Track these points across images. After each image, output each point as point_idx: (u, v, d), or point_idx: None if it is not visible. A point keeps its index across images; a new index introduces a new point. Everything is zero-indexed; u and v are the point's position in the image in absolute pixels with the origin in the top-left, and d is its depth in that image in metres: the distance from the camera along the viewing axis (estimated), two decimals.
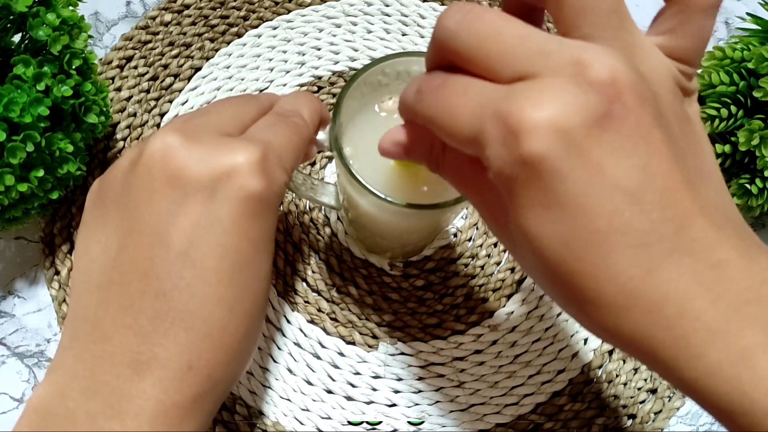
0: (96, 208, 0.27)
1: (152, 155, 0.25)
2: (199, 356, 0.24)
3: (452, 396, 0.41)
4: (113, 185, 0.26)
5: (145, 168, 0.25)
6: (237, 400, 0.40)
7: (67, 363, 0.24)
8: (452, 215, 0.35)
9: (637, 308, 0.19)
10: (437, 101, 0.21)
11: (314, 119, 0.31)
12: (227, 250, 0.24)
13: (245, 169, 0.24)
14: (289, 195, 0.44)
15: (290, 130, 0.28)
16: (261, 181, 0.25)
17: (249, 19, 0.49)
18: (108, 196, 0.26)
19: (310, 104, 0.31)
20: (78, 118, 0.38)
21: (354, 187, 0.30)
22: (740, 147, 0.39)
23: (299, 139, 0.29)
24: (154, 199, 0.24)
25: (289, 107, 0.30)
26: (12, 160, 0.34)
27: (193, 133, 0.25)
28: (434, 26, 0.21)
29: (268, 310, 0.42)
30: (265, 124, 0.28)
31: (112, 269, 0.25)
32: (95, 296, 0.25)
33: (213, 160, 0.24)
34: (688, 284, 0.19)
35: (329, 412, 0.40)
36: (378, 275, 0.43)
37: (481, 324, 0.42)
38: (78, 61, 0.36)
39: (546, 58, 0.19)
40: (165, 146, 0.25)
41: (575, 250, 0.19)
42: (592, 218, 0.19)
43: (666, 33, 0.22)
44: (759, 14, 0.45)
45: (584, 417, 0.41)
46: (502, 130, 0.19)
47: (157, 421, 0.23)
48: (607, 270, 0.19)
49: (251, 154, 0.25)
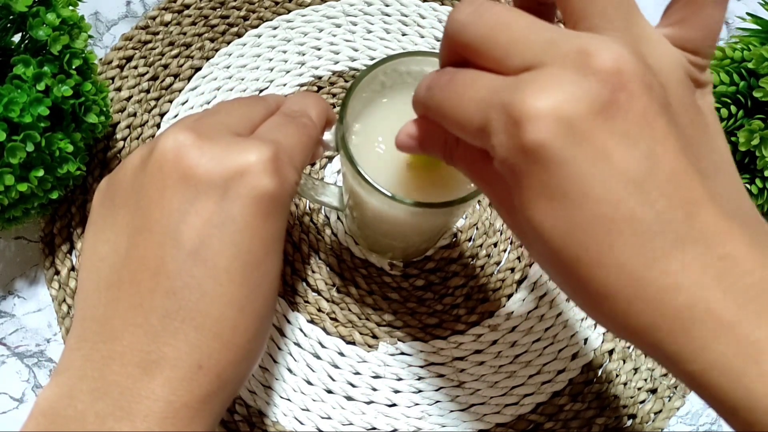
0: (104, 207, 0.26)
1: (164, 153, 0.24)
2: (209, 356, 0.24)
3: (452, 396, 0.41)
4: (123, 183, 0.26)
5: (156, 166, 0.25)
6: (237, 400, 0.40)
7: (75, 364, 0.24)
8: (456, 216, 0.35)
9: (643, 299, 0.19)
10: (446, 95, 0.22)
11: (321, 119, 0.31)
12: (239, 250, 0.24)
13: (258, 168, 0.24)
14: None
15: (299, 130, 0.28)
16: (273, 180, 0.25)
17: (249, 19, 0.49)
18: (117, 194, 0.26)
19: (316, 104, 0.31)
20: (78, 118, 0.38)
21: (361, 186, 0.30)
22: (740, 147, 0.39)
23: (308, 139, 0.29)
24: (165, 197, 0.24)
25: (297, 107, 0.30)
26: (12, 159, 0.34)
27: (205, 132, 0.25)
28: (446, 21, 0.22)
29: None
30: (275, 124, 0.28)
31: (121, 268, 0.25)
32: (104, 296, 0.25)
33: (225, 159, 0.24)
34: (696, 275, 0.18)
35: (329, 412, 0.40)
36: (378, 275, 0.43)
37: (481, 324, 0.42)
38: (78, 61, 0.36)
39: (552, 48, 0.19)
40: (177, 144, 0.24)
41: (580, 239, 0.19)
42: (597, 205, 0.18)
43: (676, 24, 0.22)
44: (759, 14, 0.45)
45: (584, 417, 0.41)
46: (506, 120, 0.19)
47: (166, 422, 0.23)
48: (614, 258, 0.19)
49: (263, 153, 0.25)
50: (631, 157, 0.18)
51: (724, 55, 0.42)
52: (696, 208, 0.19)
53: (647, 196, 0.18)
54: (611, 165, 0.18)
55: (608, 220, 0.18)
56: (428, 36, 0.49)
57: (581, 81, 0.18)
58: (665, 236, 0.18)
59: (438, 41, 0.49)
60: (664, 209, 0.18)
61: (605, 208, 0.18)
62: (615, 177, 0.18)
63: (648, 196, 0.18)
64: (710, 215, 0.19)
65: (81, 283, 0.26)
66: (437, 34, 0.49)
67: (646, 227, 0.18)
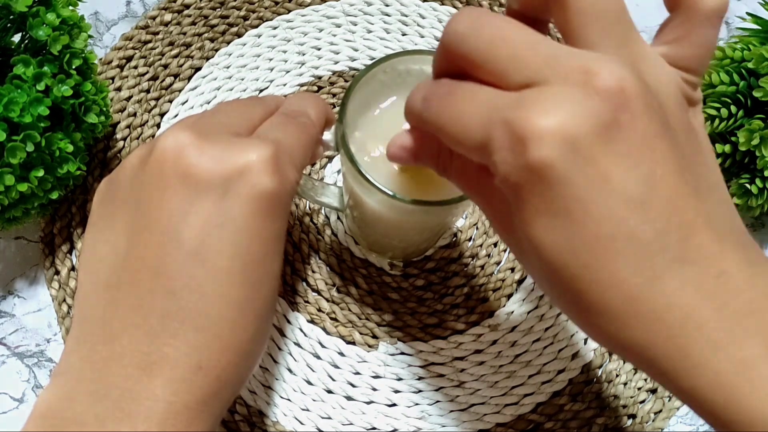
0: (104, 207, 0.26)
1: (164, 153, 0.24)
2: (209, 357, 0.24)
3: (452, 396, 0.41)
4: (122, 183, 0.26)
5: (156, 166, 0.24)
6: (237, 400, 0.40)
7: (74, 365, 0.24)
8: (456, 215, 0.35)
9: (639, 316, 0.19)
10: (445, 109, 0.21)
11: (320, 119, 0.31)
12: (239, 250, 0.24)
13: (258, 167, 0.24)
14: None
15: (299, 129, 0.28)
16: (273, 180, 0.25)
17: (249, 19, 0.49)
18: (117, 194, 0.26)
19: (315, 105, 0.31)
20: (78, 118, 0.38)
21: (361, 185, 0.30)
22: (740, 147, 0.39)
23: (308, 138, 0.29)
24: (165, 197, 0.24)
25: (296, 108, 0.30)
26: (12, 160, 0.34)
27: (205, 132, 0.25)
28: (443, 31, 0.21)
29: None
30: (275, 124, 0.28)
31: (121, 269, 0.24)
32: (103, 296, 0.25)
33: (225, 159, 0.24)
34: (691, 294, 0.19)
35: (329, 412, 0.40)
36: (378, 275, 0.43)
37: (481, 324, 0.42)
38: (78, 60, 0.36)
39: (555, 65, 0.19)
40: (177, 144, 0.24)
41: (580, 257, 0.19)
42: (598, 225, 0.19)
43: (671, 42, 0.22)
44: (759, 14, 0.45)
45: (584, 417, 0.41)
46: (510, 137, 0.19)
47: (167, 423, 0.23)
48: (611, 277, 0.19)
49: (263, 152, 0.25)
50: (632, 179, 0.19)
51: (724, 54, 0.42)
52: (693, 230, 0.19)
53: (647, 216, 0.19)
54: (613, 186, 0.18)
55: (608, 239, 0.19)
56: (428, 36, 0.49)
57: (585, 100, 0.18)
58: (663, 256, 0.19)
59: (437, 41, 0.49)
60: (663, 229, 0.19)
61: (606, 227, 0.19)
62: (616, 197, 0.18)
63: (647, 216, 0.19)
64: (706, 236, 0.19)
65: (80, 284, 0.26)
66: (437, 34, 0.49)
67: (644, 247, 0.19)
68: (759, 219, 0.47)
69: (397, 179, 0.32)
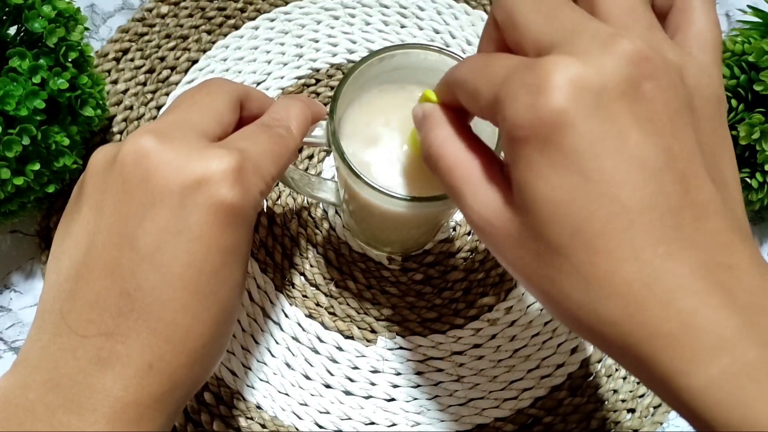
0: (74, 203, 0.27)
1: (125, 157, 0.25)
2: (160, 357, 0.24)
3: (451, 390, 0.41)
4: (89, 183, 0.26)
5: (118, 169, 0.25)
6: (234, 395, 0.40)
7: (33, 354, 0.25)
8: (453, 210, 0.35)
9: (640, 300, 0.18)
10: (470, 65, 0.22)
11: (302, 128, 0.30)
12: (194, 258, 0.24)
13: (217, 177, 0.24)
14: (285, 189, 0.44)
15: (272, 140, 0.28)
16: (233, 191, 0.25)
17: (246, 11, 0.49)
18: (84, 192, 0.26)
19: (299, 113, 0.30)
20: (74, 111, 0.38)
21: (353, 181, 0.30)
22: (741, 141, 0.39)
23: (281, 150, 0.28)
24: (124, 200, 0.24)
25: (277, 115, 0.30)
26: (8, 153, 0.34)
27: (169, 135, 0.25)
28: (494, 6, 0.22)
29: (266, 304, 0.42)
30: (248, 133, 0.28)
31: (80, 264, 0.25)
32: (63, 288, 0.25)
33: (185, 167, 0.24)
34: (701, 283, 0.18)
35: (327, 406, 0.40)
36: (376, 269, 0.43)
37: (480, 318, 0.42)
38: (74, 53, 0.36)
39: (584, 30, 0.19)
40: (137, 148, 0.25)
41: (583, 212, 0.18)
42: (613, 186, 0.18)
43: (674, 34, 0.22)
44: (760, 7, 0.45)
45: (583, 411, 0.41)
46: (526, 87, 0.19)
47: (115, 417, 0.23)
48: (622, 250, 0.18)
49: (225, 162, 0.25)
50: (651, 145, 0.18)
51: (724, 48, 0.42)
52: (705, 214, 0.18)
53: (663, 188, 0.18)
54: (630, 148, 0.18)
55: (623, 205, 0.18)
56: (427, 28, 0.49)
57: (612, 58, 0.18)
58: (676, 234, 0.18)
59: (436, 33, 0.49)
60: (678, 205, 0.18)
61: (621, 190, 0.18)
62: (633, 161, 0.18)
63: (663, 188, 0.18)
64: (718, 223, 0.19)
65: (47, 274, 0.27)
66: (436, 26, 0.49)
67: (660, 219, 0.18)
68: (759, 213, 0.47)
69: (391, 174, 0.32)
